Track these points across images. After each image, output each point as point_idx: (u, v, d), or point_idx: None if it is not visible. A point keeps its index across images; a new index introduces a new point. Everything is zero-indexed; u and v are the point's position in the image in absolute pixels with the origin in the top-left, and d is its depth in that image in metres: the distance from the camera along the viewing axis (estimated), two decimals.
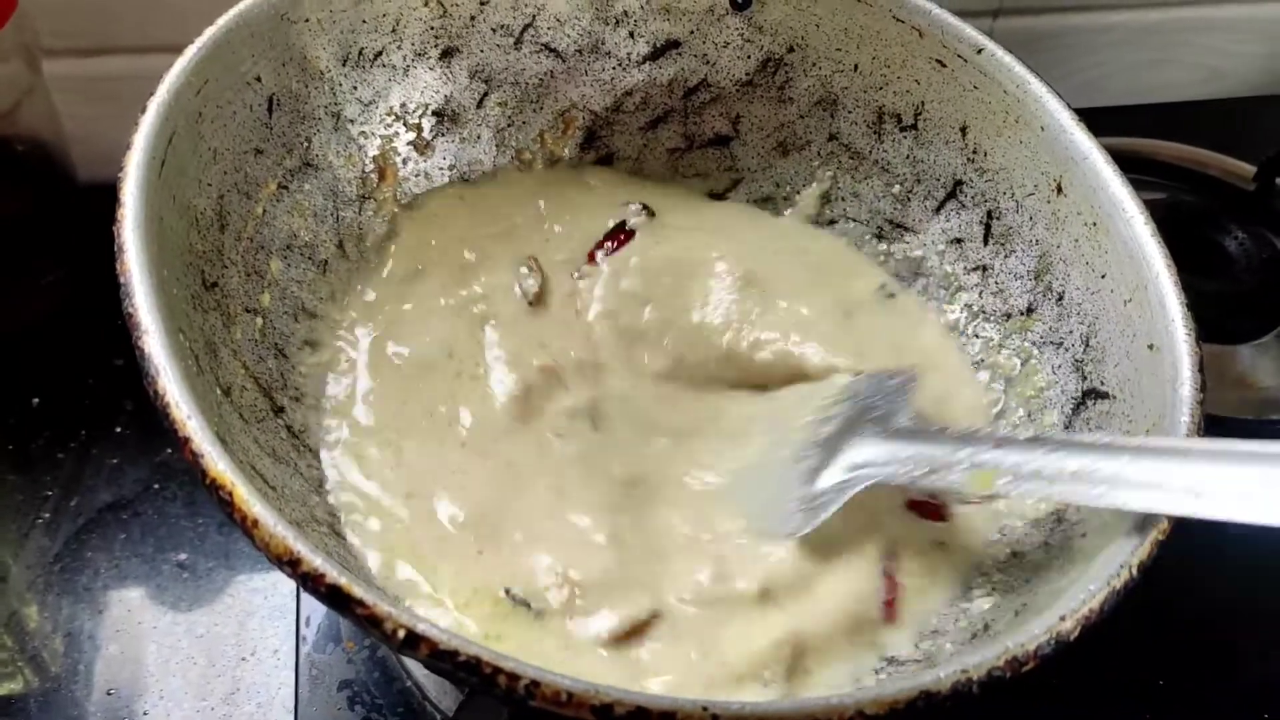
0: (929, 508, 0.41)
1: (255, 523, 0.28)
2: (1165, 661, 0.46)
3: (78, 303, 0.55)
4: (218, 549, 0.47)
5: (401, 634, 0.27)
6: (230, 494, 0.28)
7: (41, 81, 0.52)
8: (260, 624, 0.45)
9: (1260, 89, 0.75)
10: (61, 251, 0.56)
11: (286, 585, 0.46)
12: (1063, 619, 0.30)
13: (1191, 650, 0.47)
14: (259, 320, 0.40)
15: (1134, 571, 0.31)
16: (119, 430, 0.51)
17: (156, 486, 0.49)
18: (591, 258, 0.47)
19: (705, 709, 0.26)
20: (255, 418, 0.37)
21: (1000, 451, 0.34)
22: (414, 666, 0.42)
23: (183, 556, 0.47)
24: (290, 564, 0.27)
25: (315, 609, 0.44)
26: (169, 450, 0.50)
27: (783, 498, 0.39)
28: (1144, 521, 0.32)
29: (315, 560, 0.27)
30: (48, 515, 0.47)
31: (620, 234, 0.47)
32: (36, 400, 0.51)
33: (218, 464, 0.28)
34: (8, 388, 0.51)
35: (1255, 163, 0.64)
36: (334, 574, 0.27)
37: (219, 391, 0.36)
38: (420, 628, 0.27)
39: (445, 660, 0.26)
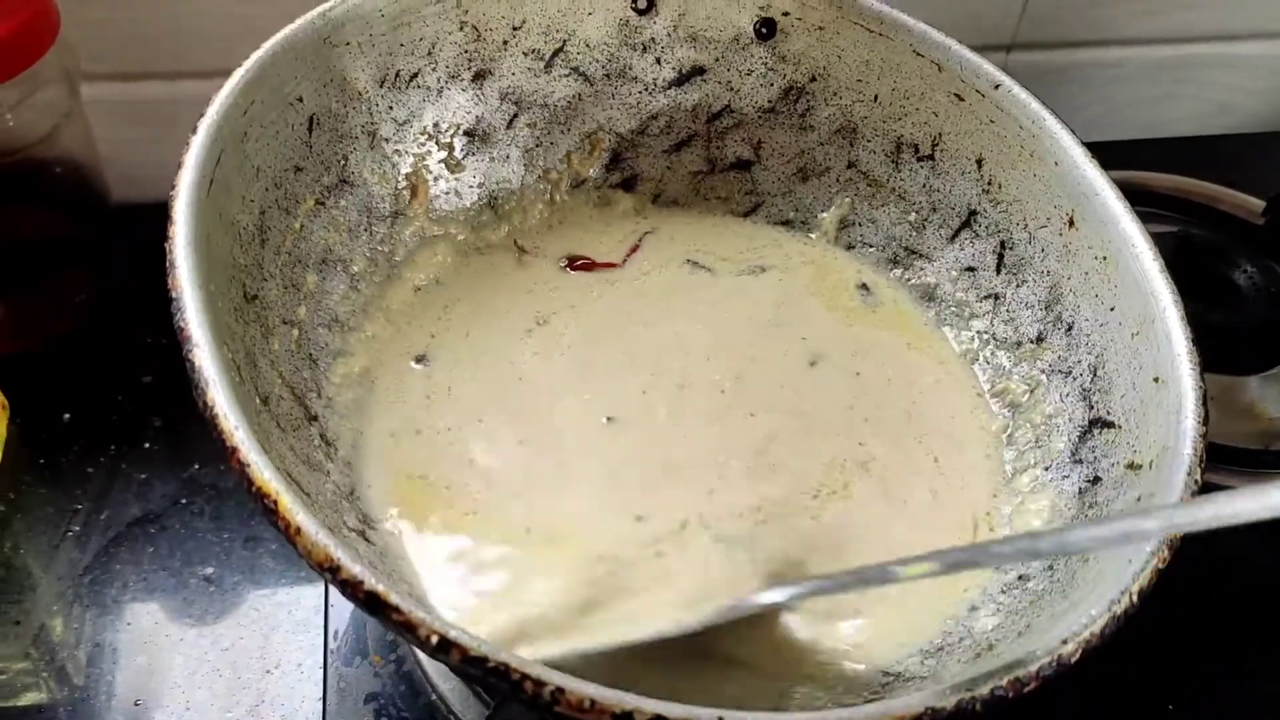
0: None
1: (298, 530, 0.29)
2: (1177, 681, 0.47)
3: (109, 321, 0.55)
4: (243, 563, 0.48)
5: (434, 639, 0.28)
6: (275, 502, 0.29)
7: (79, 105, 0.53)
8: (285, 637, 0.45)
9: (1270, 124, 0.76)
10: (93, 271, 0.57)
11: (311, 599, 0.47)
12: (1064, 642, 0.31)
13: (1203, 670, 0.47)
14: (295, 331, 0.42)
15: (1134, 598, 0.32)
16: (147, 446, 0.51)
17: (184, 501, 0.49)
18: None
19: (721, 718, 0.28)
20: (291, 426, 0.39)
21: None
22: (439, 680, 0.44)
23: (209, 570, 0.47)
24: (330, 570, 0.29)
25: (342, 623, 0.45)
26: (196, 466, 0.51)
27: None
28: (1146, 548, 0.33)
29: (355, 568, 0.29)
30: (77, 528, 0.48)
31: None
32: (67, 416, 0.52)
33: (263, 473, 0.30)
34: (40, 403, 0.52)
35: (1265, 197, 0.64)
36: (371, 581, 0.29)
37: (258, 401, 0.37)
38: (452, 634, 0.28)
39: (475, 665, 0.28)
